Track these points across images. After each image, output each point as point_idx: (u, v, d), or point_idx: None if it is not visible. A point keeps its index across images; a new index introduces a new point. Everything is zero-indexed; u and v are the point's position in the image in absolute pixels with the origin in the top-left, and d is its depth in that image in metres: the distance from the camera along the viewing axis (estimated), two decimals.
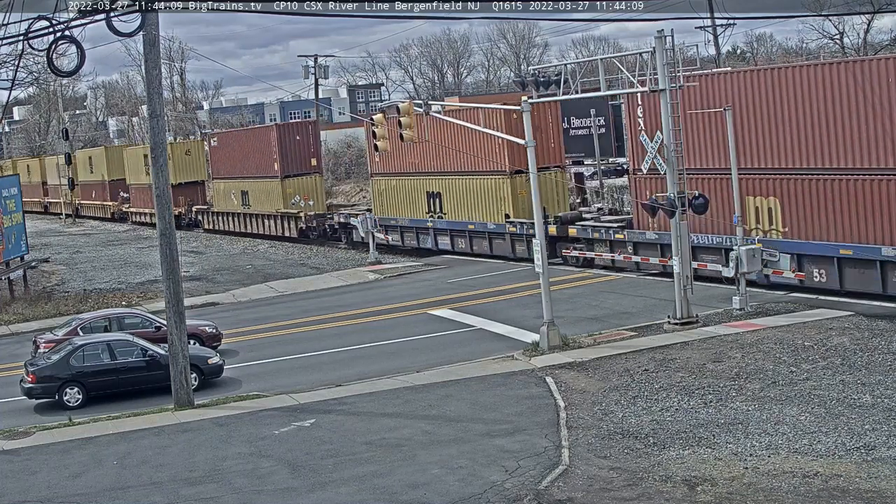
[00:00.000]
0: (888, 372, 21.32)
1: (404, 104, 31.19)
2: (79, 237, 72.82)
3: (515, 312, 31.46)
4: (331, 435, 20.31)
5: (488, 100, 76.68)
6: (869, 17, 62.62)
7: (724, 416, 19.53)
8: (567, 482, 16.62)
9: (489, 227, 42.12)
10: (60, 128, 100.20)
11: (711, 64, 60.72)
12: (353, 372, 26.23)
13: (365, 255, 47.64)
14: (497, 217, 41.64)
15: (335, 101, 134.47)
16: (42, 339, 29.35)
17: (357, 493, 16.91)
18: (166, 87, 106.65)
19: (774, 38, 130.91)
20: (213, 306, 38.83)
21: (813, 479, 15.96)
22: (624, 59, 32.95)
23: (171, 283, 23.63)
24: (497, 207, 41.69)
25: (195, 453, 19.90)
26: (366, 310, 34.77)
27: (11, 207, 44.00)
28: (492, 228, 42.05)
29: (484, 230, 42.58)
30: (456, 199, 44.28)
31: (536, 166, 27.61)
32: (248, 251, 56.13)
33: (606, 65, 29.76)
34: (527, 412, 20.75)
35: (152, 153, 23.73)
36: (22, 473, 19.58)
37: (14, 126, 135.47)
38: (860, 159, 27.80)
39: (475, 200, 43.06)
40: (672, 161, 27.36)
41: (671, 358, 23.92)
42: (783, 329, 25.63)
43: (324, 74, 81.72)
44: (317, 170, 57.41)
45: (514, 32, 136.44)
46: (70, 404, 24.94)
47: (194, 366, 24.82)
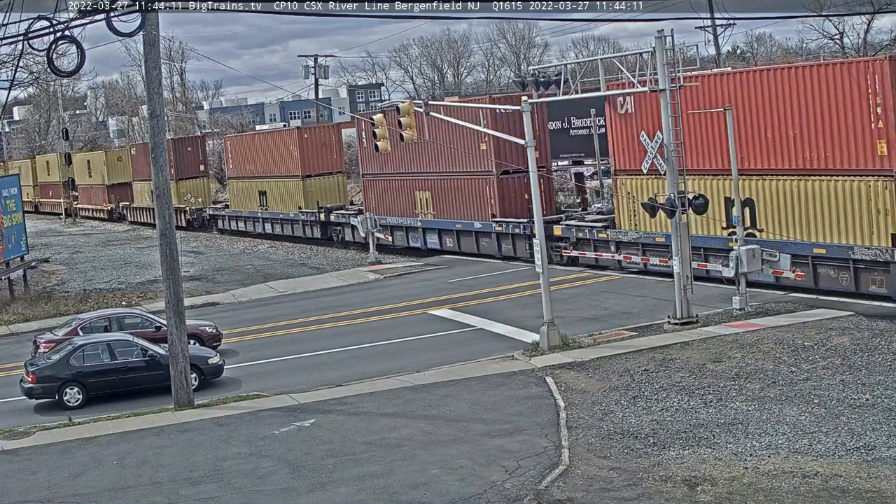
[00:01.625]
0: (888, 372, 21.33)
1: (405, 104, 31.21)
2: (78, 237, 72.86)
3: (515, 312, 31.46)
4: (331, 435, 20.31)
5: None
6: (869, 18, 62.64)
7: (724, 416, 19.53)
8: (567, 482, 16.62)
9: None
10: (60, 128, 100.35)
11: (711, 64, 60.72)
12: (353, 372, 26.23)
13: (365, 255, 47.65)
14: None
15: (335, 101, 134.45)
16: (42, 339, 29.34)
17: (357, 493, 16.91)
18: (166, 87, 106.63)
19: (774, 38, 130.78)
20: (213, 306, 38.84)
21: (813, 479, 15.96)
22: (624, 59, 32.98)
23: (171, 283, 23.63)
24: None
25: (195, 453, 19.90)
26: (366, 310, 34.77)
27: (11, 207, 44.01)
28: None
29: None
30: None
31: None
32: (248, 251, 56.15)
33: (607, 65, 29.77)
34: (527, 412, 20.75)
35: (152, 153, 23.71)
36: (22, 473, 19.58)
37: (14, 126, 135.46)
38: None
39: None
40: (672, 161, 27.36)
41: (671, 358, 23.93)
42: (783, 329, 25.63)
43: (324, 74, 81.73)
44: (204, 173, 70.84)
45: (514, 32, 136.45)
46: (70, 404, 24.94)
47: (194, 366, 24.83)
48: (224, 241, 61.90)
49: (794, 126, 28.89)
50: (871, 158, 26.99)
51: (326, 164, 56.53)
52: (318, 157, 56.48)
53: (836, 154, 28.00)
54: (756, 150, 30.22)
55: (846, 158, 27.74)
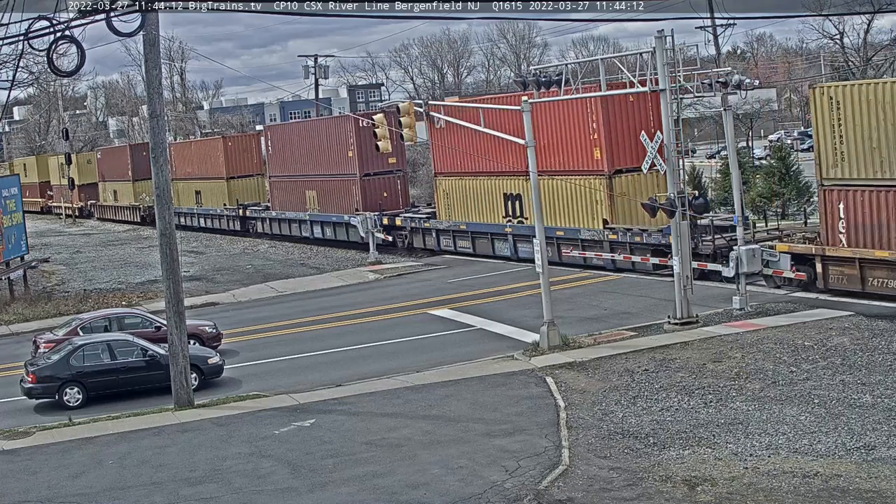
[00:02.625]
0: (888, 372, 21.33)
1: (405, 104, 31.24)
2: (78, 237, 72.84)
3: (515, 312, 31.46)
4: (331, 435, 20.31)
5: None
6: (869, 17, 62.61)
7: (724, 416, 19.53)
8: (567, 482, 16.63)
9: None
10: (60, 128, 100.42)
11: (711, 64, 60.69)
12: (353, 372, 26.23)
13: (365, 255, 47.68)
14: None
15: (335, 101, 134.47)
16: (42, 339, 29.33)
17: (357, 493, 16.91)
18: (166, 87, 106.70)
19: (774, 38, 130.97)
20: (213, 306, 38.83)
21: (813, 479, 15.96)
22: (624, 59, 32.99)
23: (171, 283, 23.62)
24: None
25: (195, 453, 19.90)
26: (366, 310, 34.77)
27: (11, 207, 43.99)
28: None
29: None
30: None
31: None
32: (248, 251, 56.15)
33: (607, 65, 29.77)
34: (527, 412, 20.75)
35: (152, 153, 23.70)
36: (22, 473, 19.58)
37: (14, 126, 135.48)
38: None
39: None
40: (672, 161, 27.35)
41: (671, 358, 23.93)
42: (783, 329, 25.63)
43: (324, 74, 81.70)
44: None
45: (514, 32, 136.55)
46: (70, 404, 24.94)
47: (194, 366, 24.83)
48: (224, 240, 61.93)
49: (544, 139, 37.09)
50: (590, 162, 37.11)
51: (247, 168, 65.43)
52: (241, 161, 65.20)
53: (571, 159, 37.93)
54: (523, 157, 33.54)
55: (576, 162, 37.71)
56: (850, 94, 27.88)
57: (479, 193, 43.23)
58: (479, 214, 43.44)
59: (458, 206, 44.57)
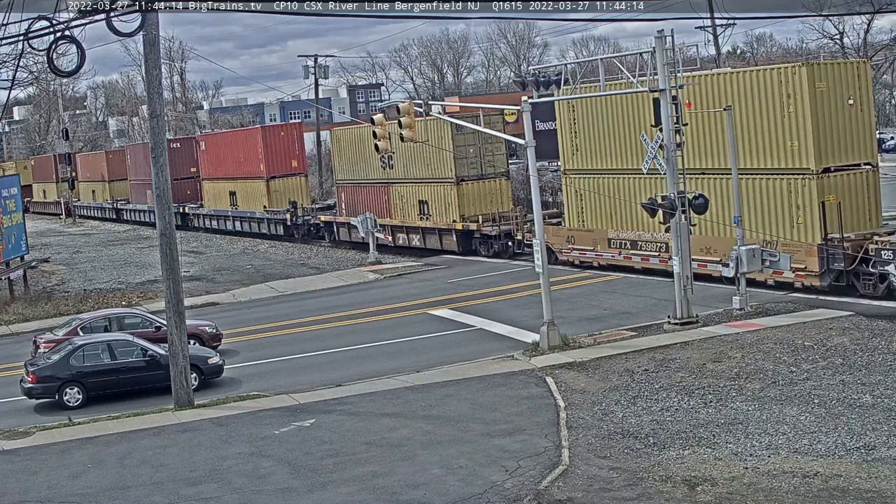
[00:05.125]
0: (888, 372, 21.33)
1: (405, 104, 31.21)
2: (78, 237, 72.84)
3: (515, 312, 31.46)
4: (331, 435, 20.31)
5: (487, 100, 77.29)
6: (869, 18, 62.66)
7: (724, 416, 19.53)
8: (567, 482, 16.62)
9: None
10: (60, 128, 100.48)
11: (711, 64, 60.71)
12: (353, 372, 26.23)
13: (365, 255, 47.66)
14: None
15: (335, 101, 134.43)
16: (42, 339, 29.32)
17: (357, 493, 16.91)
18: (166, 87, 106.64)
19: (774, 38, 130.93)
20: (213, 306, 38.83)
21: (813, 479, 15.96)
22: (624, 59, 33.01)
23: (172, 283, 23.62)
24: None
25: (195, 453, 19.90)
26: (366, 310, 34.77)
27: (11, 207, 43.98)
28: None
29: None
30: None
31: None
32: (248, 251, 56.16)
33: (607, 65, 29.77)
34: (527, 412, 20.75)
35: (152, 153, 23.70)
36: (22, 473, 19.58)
37: (14, 126, 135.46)
38: None
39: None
40: (672, 161, 27.35)
41: (671, 358, 23.93)
42: (783, 329, 25.63)
43: (324, 74, 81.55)
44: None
45: (514, 32, 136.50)
46: (70, 404, 24.94)
47: (194, 366, 24.83)
48: (224, 240, 61.95)
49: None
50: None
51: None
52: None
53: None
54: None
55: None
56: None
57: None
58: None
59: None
